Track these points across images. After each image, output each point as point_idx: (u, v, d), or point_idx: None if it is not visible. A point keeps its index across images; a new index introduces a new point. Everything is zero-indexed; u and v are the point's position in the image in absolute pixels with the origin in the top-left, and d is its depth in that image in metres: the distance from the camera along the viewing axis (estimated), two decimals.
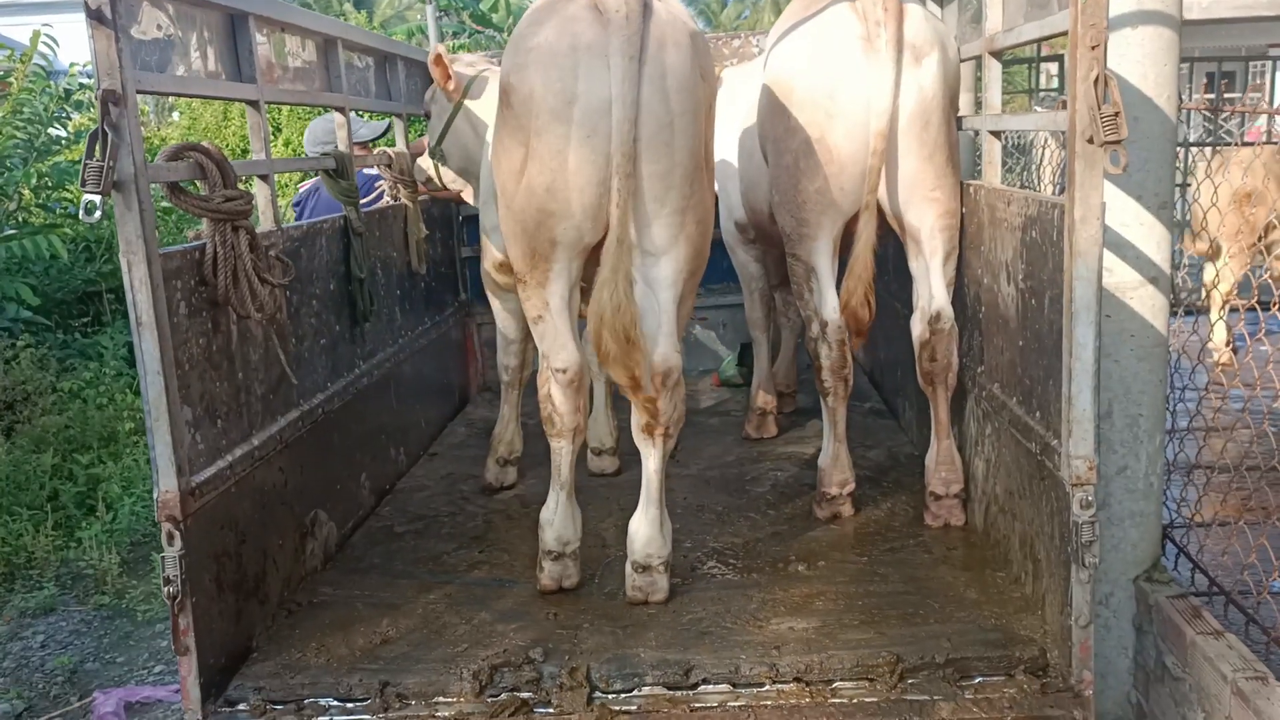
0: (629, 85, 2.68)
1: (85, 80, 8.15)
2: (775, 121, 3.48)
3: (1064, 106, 2.60)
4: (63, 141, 8.55)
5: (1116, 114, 2.30)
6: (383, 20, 32.02)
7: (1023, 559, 3.02)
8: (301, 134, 7.78)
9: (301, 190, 5.48)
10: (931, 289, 3.41)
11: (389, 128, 5.02)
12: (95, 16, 2.34)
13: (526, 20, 2.91)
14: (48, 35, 7.87)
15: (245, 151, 10.19)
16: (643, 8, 2.73)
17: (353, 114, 4.22)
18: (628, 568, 3.10)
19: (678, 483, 4.12)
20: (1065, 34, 2.46)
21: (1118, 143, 2.31)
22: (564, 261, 2.93)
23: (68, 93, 8.27)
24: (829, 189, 3.34)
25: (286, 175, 8.82)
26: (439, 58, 3.98)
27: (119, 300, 8.02)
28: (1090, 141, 2.35)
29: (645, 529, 3.08)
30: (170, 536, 2.51)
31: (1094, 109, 2.31)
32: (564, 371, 3.01)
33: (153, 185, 2.60)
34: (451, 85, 4.06)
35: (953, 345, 3.44)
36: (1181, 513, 3.91)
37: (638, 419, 3.03)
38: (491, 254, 3.89)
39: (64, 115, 8.44)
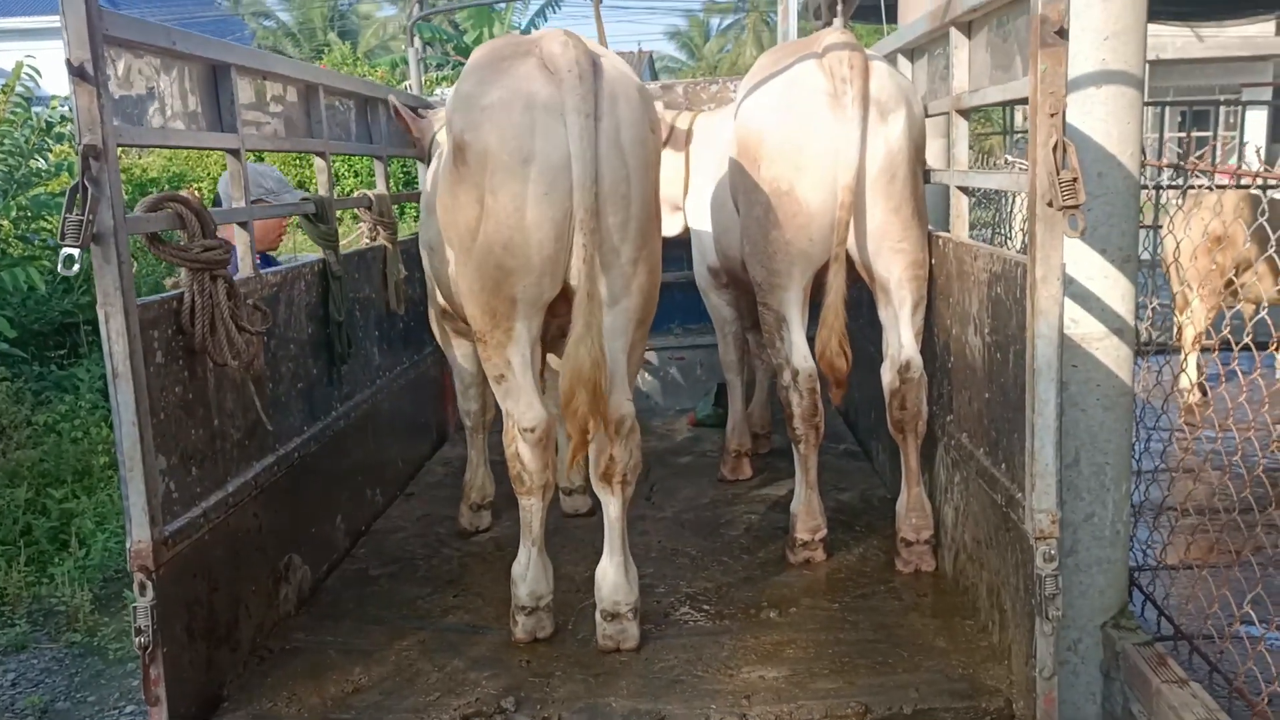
0: (587, 142, 2.73)
1: (67, 112, 8.16)
2: (745, 174, 3.55)
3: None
4: (43, 174, 8.55)
5: (1075, 179, 2.36)
6: (367, 50, 32.24)
7: (990, 608, 3.06)
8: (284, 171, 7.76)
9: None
10: (901, 338, 3.47)
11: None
12: (77, 73, 2.37)
13: (473, 79, 2.91)
14: (30, 66, 7.89)
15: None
16: (593, 66, 2.79)
17: (274, 179, 4.29)
18: (597, 616, 3.12)
19: (653, 525, 4.16)
20: (1026, 99, 2.53)
21: (1076, 207, 2.38)
22: (525, 319, 2.95)
23: (49, 125, 8.29)
24: (798, 240, 3.40)
25: None
26: (397, 111, 4.06)
27: (96, 332, 7.99)
28: (1050, 205, 2.41)
29: (611, 575, 3.10)
30: (142, 587, 2.52)
31: (1053, 174, 2.38)
32: (533, 431, 3.03)
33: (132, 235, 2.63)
34: (415, 134, 4.15)
35: (922, 394, 3.49)
36: (1149, 555, 3.97)
37: (596, 467, 3.07)
38: (437, 301, 3.95)
39: (44, 147, 8.45)
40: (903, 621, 3.22)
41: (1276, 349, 6.52)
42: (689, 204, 4.75)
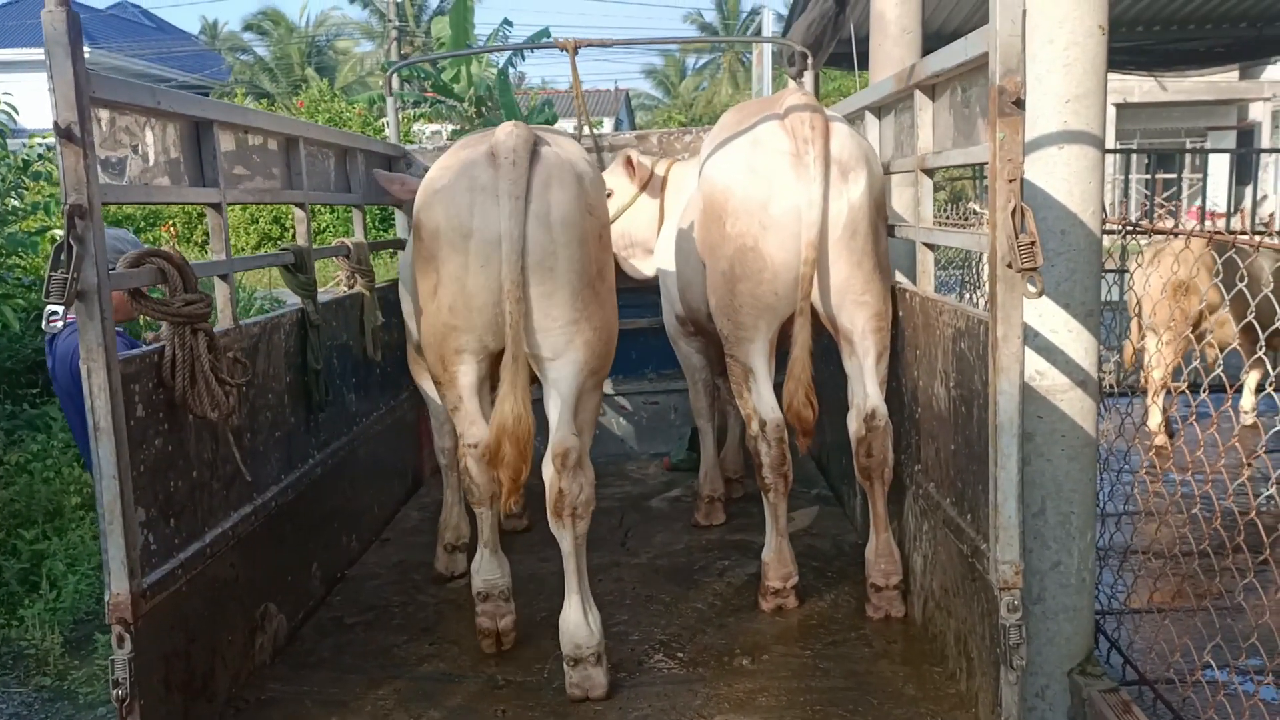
0: (515, 220, 3.03)
1: (44, 150, 8.17)
2: (710, 229, 3.64)
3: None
4: (19, 212, 8.53)
5: (1033, 243, 2.45)
6: (344, 85, 32.36)
7: (957, 655, 3.12)
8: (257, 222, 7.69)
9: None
10: (866, 388, 3.56)
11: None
12: (65, 135, 2.42)
13: (437, 165, 3.34)
14: (7, 103, 7.90)
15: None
16: (530, 154, 3.10)
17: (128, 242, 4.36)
18: (564, 664, 3.19)
19: (628, 571, 4.20)
20: (986, 163, 2.62)
21: (1035, 269, 2.46)
22: (470, 364, 3.30)
23: (26, 163, 8.29)
24: (763, 295, 3.49)
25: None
26: (381, 179, 4.51)
27: None
28: (1010, 266, 2.50)
29: (571, 618, 3.21)
30: (120, 639, 2.53)
31: (1012, 238, 2.47)
32: (475, 447, 3.34)
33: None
34: (406, 196, 4.35)
35: (888, 441, 3.57)
36: (1115, 599, 4.04)
37: (548, 503, 3.20)
38: (413, 338, 4.18)
39: (21, 185, 8.44)
40: (873, 669, 3.27)
41: (1237, 391, 6.64)
42: (658, 252, 4.85)
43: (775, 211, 3.41)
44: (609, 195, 4.41)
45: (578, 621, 3.18)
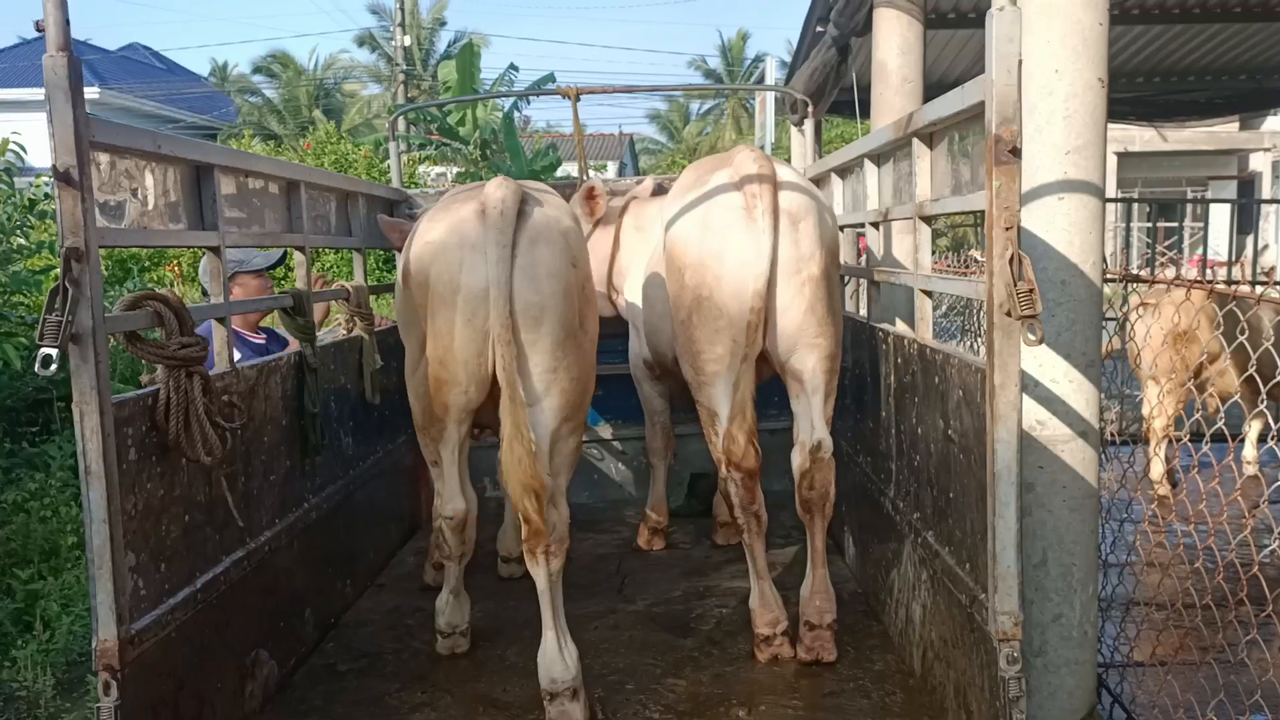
0: (503, 269, 3.16)
1: (50, 191, 8.22)
2: (673, 280, 3.76)
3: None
4: (24, 250, 8.57)
5: (1031, 290, 2.45)
6: (350, 127, 32.67)
7: (957, 709, 3.07)
8: None
9: None
10: (813, 423, 3.62)
11: (283, 257, 5.15)
12: (63, 179, 2.43)
13: (427, 217, 3.51)
14: (16, 143, 7.97)
15: None
16: (517, 207, 3.24)
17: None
18: (543, 699, 3.25)
19: (624, 618, 4.16)
20: (983, 211, 2.62)
21: (1034, 316, 2.46)
22: (455, 422, 3.48)
23: (32, 203, 8.34)
24: (721, 340, 3.57)
25: None
26: (385, 226, 4.74)
27: (69, 408, 7.96)
28: (1009, 314, 2.49)
29: (548, 652, 3.27)
30: (107, 686, 2.51)
31: (1010, 285, 2.46)
32: (451, 519, 3.64)
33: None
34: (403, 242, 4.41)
35: (830, 475, 3.62)
36: (1118, 652, 3.99)
37: (524, 540, 3.28)
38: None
39: (26, 224, 8.49)
40: None
41: (1240, 442, 6.62)
42: (625, 296, 5.01)
43: (728, 263, 3.52)
44: None
45: (553, 656, 3.24)
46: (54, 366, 2.41)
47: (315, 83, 38.66)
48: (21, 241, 8.53)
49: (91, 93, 27.77)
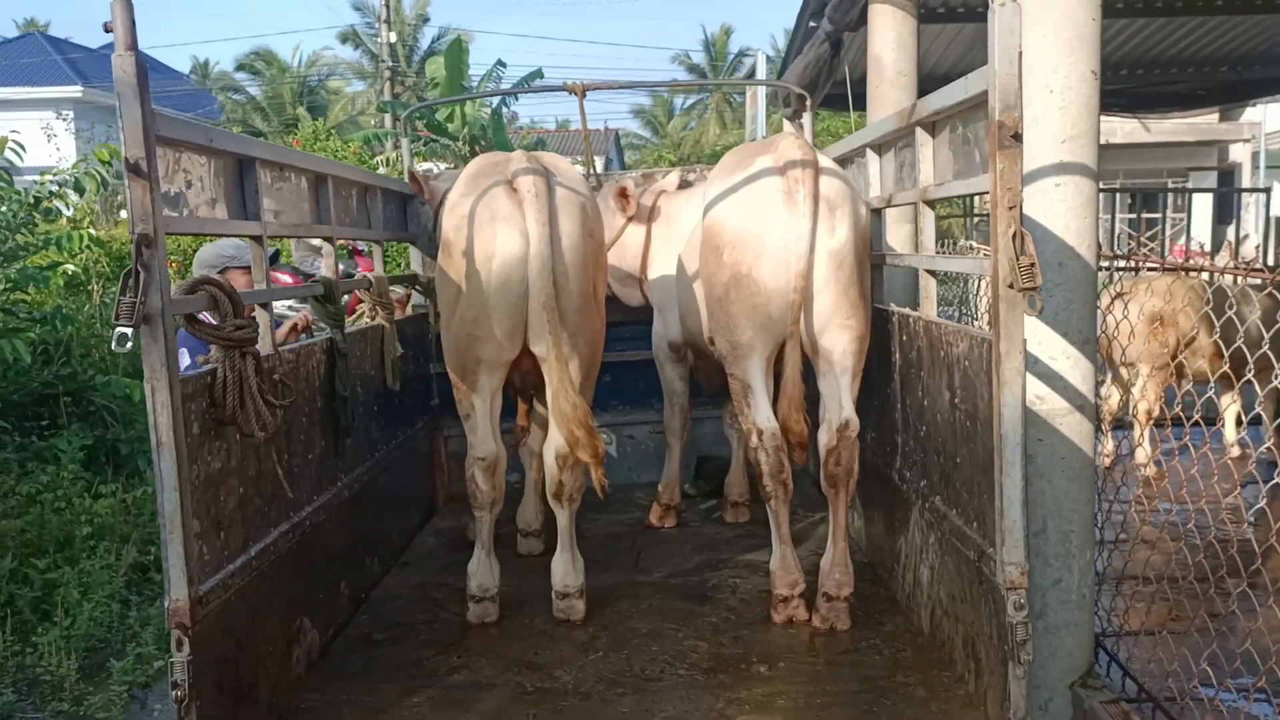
0: (544, 244, 3.59)
1: (54, 189, 8.34)
2: (711, 258, 3.94)
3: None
4: (29, 247, 8.67)
5: (1032, 264, 2.66)
6: (335, 124, 32.65)
7: (965, 658, 3.29)
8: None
9: None
10: (841, 402, 3.82)
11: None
12: (133, 170, 2.61)
13: (460, 190, 3.85)
14: (15, 141, 8.07)
15: None
16: (548, 188, 3.66)
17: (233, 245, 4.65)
18: (552, 595, 3.97)
19: (643, 589, 4.35)
20: (987, 192, 2.82)
21: (1035, 288, 2.66)
22: (487, 374, 3.86)
23: (37, 200, 8.44)
24: (758, 316, 3.77)
25: None
26: (413, 176, 5.08)
27: (76, 403, 8.10)
28: (1011, 287, 2.70)
29: (561, 564, 3.97)
30: (179, 642, 2.68)
31: (1013, 260, 2.67)
32: (484, 460, 3.98)
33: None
34: (426, 195, 4.85)
35: (854, 453, 3.82)
36: (1113, 622, 4.19)
37: (549, 489, 3.95)
38: None
39: (31, 221, 8.59)
40: (885, 674, 3.44)
41: (1222, 425, 6.84)
42: (654, 281, 5.18)
43: (768, 242, 3.71)
44: None
45: (566, 565, 3.96)
46: (129, 345, 2.58)
47: (299, 80, 38.61)
48: (28, 238, 8.63)
49: (74, 91, 27.76)
